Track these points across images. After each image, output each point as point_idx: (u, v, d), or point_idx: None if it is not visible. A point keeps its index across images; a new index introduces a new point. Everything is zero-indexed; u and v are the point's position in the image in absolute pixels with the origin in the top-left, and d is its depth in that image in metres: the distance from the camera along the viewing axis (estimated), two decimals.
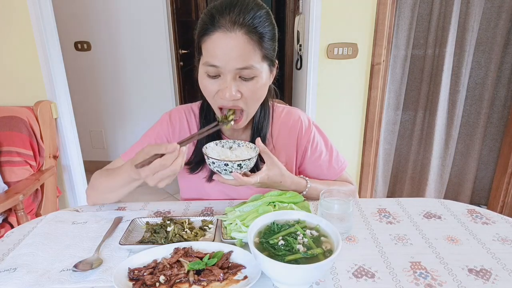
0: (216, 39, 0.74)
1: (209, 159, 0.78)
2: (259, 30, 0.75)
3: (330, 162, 1.01)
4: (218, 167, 0.78)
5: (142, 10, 2.86)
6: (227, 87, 0.77)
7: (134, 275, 0.64)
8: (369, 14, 1.91)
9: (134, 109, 3.18)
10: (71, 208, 0.94)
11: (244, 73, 0.77)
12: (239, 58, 0.75)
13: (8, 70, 1.87)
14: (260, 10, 0.76)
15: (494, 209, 2.21)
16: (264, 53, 0.78)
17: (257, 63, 0.77)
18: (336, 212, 0.76)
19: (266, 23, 0.77)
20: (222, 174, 0.80)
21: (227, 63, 0.75)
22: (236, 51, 0.74)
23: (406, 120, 2.35)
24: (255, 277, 0.62)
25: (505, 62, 2.12)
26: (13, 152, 1.68)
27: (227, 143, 0.87)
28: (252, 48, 0.75)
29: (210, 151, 0.83)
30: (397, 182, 2.51)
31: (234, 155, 0.83)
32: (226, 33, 0.73)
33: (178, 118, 0.97)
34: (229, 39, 0.73)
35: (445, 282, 0.64)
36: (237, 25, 0.73)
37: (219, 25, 0.74)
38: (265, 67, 0.81)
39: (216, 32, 0.74)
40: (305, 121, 1.00)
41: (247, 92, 0.79)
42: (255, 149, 0.84)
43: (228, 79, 0.77)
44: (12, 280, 0.66)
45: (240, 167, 0.77)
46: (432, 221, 0.85)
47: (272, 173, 0.84)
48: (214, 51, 0.75)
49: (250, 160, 0.78)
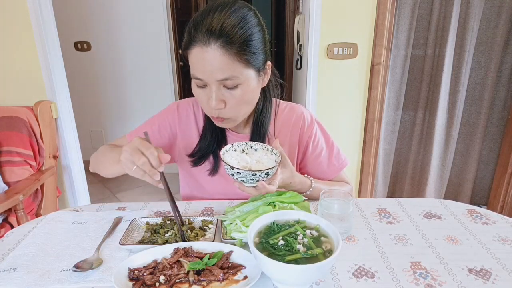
0: (195, 53, 0.75)
1: (233, 169, 0.72)
2: (238, 39, 0.73)
3: (331, 159, 1.01)
4: (244, 178, 0.72)
5: (142, 10, 2.86)
6: (211, 97, 0.78)
7: (134, 275, 0.64)
8: (369, 14, 1.91)
9: (134, 109, 3.18)
10: (71, 208, 0.94)
11: (227, 83, 0.77)
12: (218, 70, 0.74)
13: (8, 70, 1.87)
14: (242, 14, 0.75)
15: (494, 209, 2.21)
16: (247, 61, 0.76)
17: (239, 72, 0.76)
18: (336, 212, 0.76)
19: (249, 27, 0.75)
20: (246, 184, 0.75)
21: (208, 75, 0.76)
22: (214, 64, 0.74)
23: (406, 120, 2.35)
24: (255, 277, 0.62)
25: (505, 62, 2.12)
26: (13, 152, 1.68)
27: (240, 146, 0.83)
28: (230, 59, 0.74)
29: (229, 158, 0.77)
30: (397, 182, 2.51)
31: (254, 160, 0.78)
32: (202, 47, 0.74)
33: (186, 111, 0.98)
34: (206, 53, 0.73)
35: (445, 282, 0.64)
36: (213, 37, 0.72)
37: (196, 40, 0.74)
38: (252, 73, 0.79)
39: (194, 47, 0.75)
40: (307, 117, 1.00)
41: (232, 100, 0.79)
42: (272, 151, 0.81)
43: (213, 90, 0.77)
44: (12, 280, 0.66)
45: (267, 176, 0.74)
46: (432, 221, 0.85)
47: (285, 175, 0.83)
48: (195, 65, 0.77)
49: (275, 167, 0.75)
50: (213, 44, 0.73)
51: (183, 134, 0.98)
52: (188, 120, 0.98)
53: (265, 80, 0.87)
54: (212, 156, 0.95)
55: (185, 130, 0.98)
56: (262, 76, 0.85)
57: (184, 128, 0.98)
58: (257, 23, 0.78)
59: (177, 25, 3.02)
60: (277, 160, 0.78)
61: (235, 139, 0.94)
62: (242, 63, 0.76)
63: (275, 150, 0.80)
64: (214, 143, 0.94)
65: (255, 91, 0.84)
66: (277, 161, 0.77)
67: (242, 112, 0.85)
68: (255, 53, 0.77)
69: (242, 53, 0.74)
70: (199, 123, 0.98)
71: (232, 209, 0.82)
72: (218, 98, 0.78)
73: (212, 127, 0.93)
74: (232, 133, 0.96)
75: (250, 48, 0.76)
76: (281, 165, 0.82)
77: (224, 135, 0.96)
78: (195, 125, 0.98)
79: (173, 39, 2.99)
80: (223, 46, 0.73)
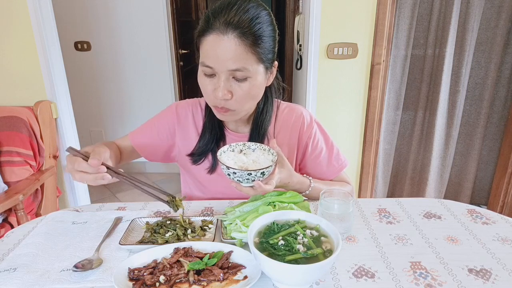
0: (210, 40, 0.76)
1: (229, 169, 0.73)
2: (254, 33, 0.75)
3: (330, 159, 1.02)
4: (240, 177, 0.73)
5: (142, 10, 2.86)
6: (219, 87, 0.78)
7: (134, 275, 0.64)
8: (369, 14, 1.91)
9: (134, 109, 3.18)
10: (71, 208, 0.94)
11: (237, 74, 0.78)
12: (231, 60, 0.75)
13: (8, 70, 1.87)
14: (259, 11, 0.77)
15: (494, 209, 2.21)
16: (259, 56, 0.78)
17: (250, 65, 0.77)
18: (336, 212, 0.76)
19: (264, 25, 0.77)
20: (242, 183, 0.75)
21: (220, 64, 0.76)
22: (228, 53, 0.75)
23: (406, 120, 2.35)
24: (255, 277, 0.62)
25: (505, 62, 2.12)
26: (13, 152, 1.68)
27: (237, 146, 0.84)
28: (245, 50, 0.76)
29: (226, 159, 0.79)
30: (397, 182, 2.51)
31: (250, 160, 0.79)
32: (219, 35, 0.75)
33: (185, 112, 0.99)
34: (222, 41, 0.75)
35: (445, 282, 0.64)
36: (231, 27, 0.74)
37: (213, 27, 0.75)
38: (261, 68, 0.81)
39: (210, 34, 0.76)
40: (307, 118, 1.00)
41: (240, 92, 0.80)
42: (269, 151, 0.81)
43: (221, 80, 0.78)
44: (12, 280, 0.66)
45: (263, 175, 0.74)
46: (432, 221, 0.85)
47: (283, 175, 0.83)
48: (208, 52, 0.77)
49: (271, 166, 0.75)
50: (230, 34, 0.74)
51: (182, 134, 0.99)
52: (186, 120, 0.99)
53: (270, 79, 0.88)
54: (211, 154, 0.96)
55: (184, 131, 0.99)
56: (269, 75, 0.86)
57: (183, 129, 0.99)
58: (271, 22, 0.80)
59: (177, 25, 3.02)
60: (273, 160, 0.78)
61: (234, 138, 0.95)
62: (255, 57, 0.77)
63: (272, 150, 0.80)
64: (213, 141, 0.94)
65: (261, 87, 0.85)
66: (273, 160, 0.77)
67: (246, 106, 0.85)
68: (267, 50, 0.79)
69: (256, 47, 0.76)
70: (197, 124, 0.98)
71: (232, 209, 0.82)
72: (226, 88, 0.79)
73: (212, 125, 0.94)
74: (231, 132, 0.97)
75: (263, 44, 0.78)
76: (279, 165, 0.82)
77: (223, 134, 0.96)
78: (194, 126, 0.98)
79: (173, 39, 2.99)
80: (239, 37, 0.74)
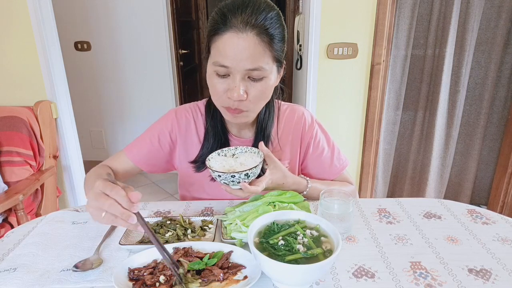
0: (227, 39, 0.74)
1: (214, 172, 0.76)
2: (270, 32, 0.75)
3: (332, 159, 1.01)
4: (225, 180, 0.75)
5: (142, 10, 2.86)
6: (236, 87, 0.76)
7: (134, 275, 0.64)
8: (369, 14, 1.91)
9: (134, 109, 3.18)
10: (71, 208, 0.94)
11: (253, 74, 0.76)
12: (250, 59, 0.74)
13: (8, 70, 1.87)
14: (272, 11, 0.76)
15: (494, 209, 2.21)
16: (274, 55, 0.78)
17: (266, 64, 0.76)
18: (336, 212, 0.76)
19: (277, 25, 0.77)
20: (230, 185, 0.77)
21: (237, 63, 0.74)
22: (247, 52, 0.73)
23: (406, 120, 2.35)
24: (255, 277, 0.62)
25: (505, 62, 2.12)
26: (13, 152, 1.68)
27: (229, 151, 0.85)
28: (263, 49, 0.75)
29: (214, 162, 0.80)
30: (397, 182, 2.51)
31: (238, 163, 0.80)
32: (237, 33, 0.73)
33: (185, 118, 0.96)
34: (241, 39, 0.73)
35: (445, 282, 0.64)
36: (249, 25, 0.73)
37: (231, 25, 0.73)
38: (274, 68, 0.80)
39: (227, 32, 0.74)
40: (308, 118, 1.00)
41: (255, 92, 0.79)
42: (258, 154, 0.82)
43: (237, 79, 0.76)
44: (12, 280, 0.66)
45: (247, 177, 0.75)
46: (432, 221, 0.85)
47: (275, 176, 0.83)
48: (225, 51, 0.74)
49: (257, 167, 0.76)
50: (250, 32, 0.73)
51: (184, 141, 0.96)
52: (188, 126, 0.96)
53: (277, 80, 0.86)
54: None
55: (186, 137, 0.96)
56: (280, 73, 0.85)
57: (184, 135, 0.96)
58: (282, 22, 0.80)
59: (177, 25, 3.02)
60: (258, 161, 0.79)
61: (238, 144, 0.92)
62: (272, 56, 0.77)
63: (261, 153, 0.81)
64: (217, 147, 0.91)
65: (273, 88, 0.84)
66: (257, 161, 0.78)
67: (258, 107, 0.84)
68: (281, 50, 0.79)
69: (272, 46, 0.76)
70: (199, 129, 0.96)
71: (232, 209, 0.82)
72: (242, 88, 0.77)
73: (215, 130, 0.92)
74: (235, 137, 0.95)
75: (279, 43, 0.78)
76: (271, 166, 0.82)
77: (227, 139, 0.94)
78: (195, 131, 0.96)
79: (173, 39, 2.99)
80: (258, 35, 0.73)
